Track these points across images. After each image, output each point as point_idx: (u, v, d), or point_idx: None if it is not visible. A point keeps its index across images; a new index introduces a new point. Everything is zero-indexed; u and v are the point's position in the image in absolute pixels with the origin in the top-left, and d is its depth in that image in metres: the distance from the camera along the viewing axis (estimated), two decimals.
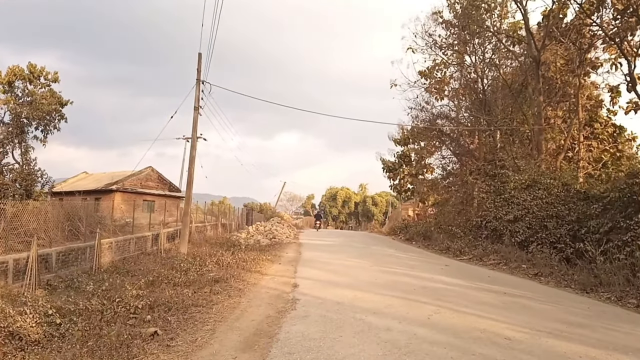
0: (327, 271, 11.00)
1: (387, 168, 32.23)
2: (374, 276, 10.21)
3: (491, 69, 23.66)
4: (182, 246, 17.23)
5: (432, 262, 13.97)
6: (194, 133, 17.76)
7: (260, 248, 17.07)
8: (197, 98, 17.87)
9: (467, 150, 23.94)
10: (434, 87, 27.15)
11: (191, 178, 17.80)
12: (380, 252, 16.47)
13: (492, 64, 23.12)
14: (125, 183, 29.50)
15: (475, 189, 20.80)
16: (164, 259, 15.43)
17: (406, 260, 14.11)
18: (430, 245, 21.01)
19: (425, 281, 9.66)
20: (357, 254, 15.09)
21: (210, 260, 13.26)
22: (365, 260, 13.33)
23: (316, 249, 16.86)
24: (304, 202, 75.34)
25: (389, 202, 67.88)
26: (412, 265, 12.42)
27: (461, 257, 16.47)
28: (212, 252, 17.01)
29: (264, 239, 20.25)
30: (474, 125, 23.72)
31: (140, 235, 18.03)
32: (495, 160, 19.63)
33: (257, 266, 12.19)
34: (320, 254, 15.00)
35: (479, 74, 23.22)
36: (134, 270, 13.29)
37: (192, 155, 17.71)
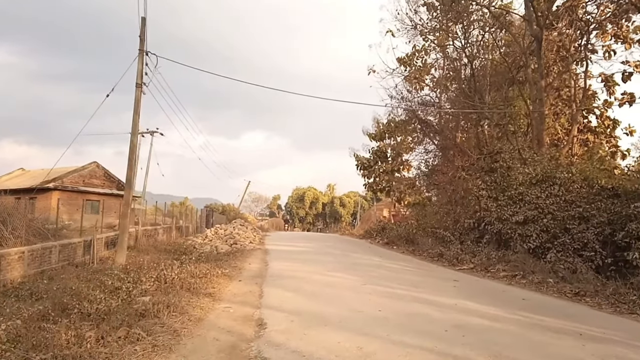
0: (305, 295, 7.75)
1: (361, 165, 29.28)
2: (373, 303, 7.04)
3: (480, 53, 21.13)
4: (120, 255, 13.57)
5: (434, 275, 10.97)
6: (135, 116, 14.09)
7: (216, 257, 13.59)
8: (140, 72, 14.22)
9: (454, 144, 21.27)
10: (414, 75, 24.45)
11: (131, 172, 14.14)
12: (364, 261, 13.36)
13: (483, 46, 20.58)
14: (65, 180, 25.19)
15: (469, 186, 18.12)
16: (94, 272, 11.82)
17: (401, 272, 11.05)
18: (417, 250, 18.12)
19: (449, 312, 6.58)
20: (338, 265, 11.91)
21: (150, 275, 9.78)
22: (351, 274, 10.16)
23: (286, 258, 13.58)
24: (270, 202, 71.67)
25: (357, 203, 65.32)
26: (413, 282, 9.34)
27: (461, 267, 13.60)
28: (157, 262, 13.48)
29: (223, 245, 16.75)
30: (459, 114, 21.08)
31: (66, 242, 14.18)
32: (494, 153, 16.96)
33: (208, 285, 8.80)
34: (291, 265, 11.73)
35: (468, 58, 20.58)
36: (45, 290, 9.71)
37: (132, 144, 14.05)
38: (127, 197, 13.90)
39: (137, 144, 14.04)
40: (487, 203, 15.67)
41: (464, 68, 22.22)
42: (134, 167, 13.96)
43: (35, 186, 24.53)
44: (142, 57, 14.30)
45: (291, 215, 68.32)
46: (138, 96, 14.15)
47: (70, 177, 25.04)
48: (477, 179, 17.51)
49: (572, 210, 12.17)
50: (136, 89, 14.16)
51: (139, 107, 14.14)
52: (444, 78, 23.87)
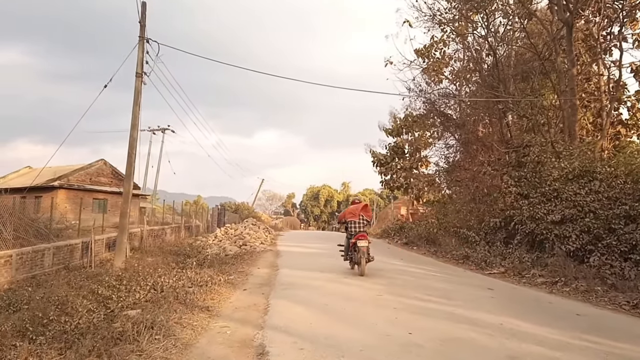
0: (318, 310, 6.51)
1: (377, 162, 27.97)
2: (401, 322, 5.77)
3: (504, 42, 19.59)
4: (118, 258, 12.57)
5: (465, 282, 9.63)
6: (135, 108, 13.07)
7: (223, 260, 12.46)
8: (141, 61, 13.21)
9: (476, 138, 19.79)
10: (433, 67, 22.97)
11: (131, 169, 13.11)
12: (384, 264, 12.05)
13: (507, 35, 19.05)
14: (71, 178, 24.39)
15: (495, 183, 16.69)
16: (88, 278, 10.82)
17: (427, 278, 9.73)
18: (439, 252, 16.75)
19: (497, 335, 5.28)
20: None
21: (146, 282, 8.71)
22: (371, 281, 8.89)
23: (298, 262, 12.36)
24: (285, 201, 70.66)
25: (373, 201, 63.87)
26: (444, 291, 8.03)
27: (490, 271, 12.23)
28: (158, 266, 12.44)
29: (231, 246, 15.63)
30: (482, 106, 19.57)
31: (62, 244, 13.23)
32: (522, 147, 15.49)
33: (208, 296, 7.65)
34: (303, 271, 10.50)
35: (491, 46, 19.05)
36: (28, 299, 8.72)
37: (132, 138, 13.02)
38: (126, 195, 12.86)
39: (138, 137, 12.97)
40: (516, 200, 14.26)
41: (486, 58, 20.74)
42: (133, 163, 12.90)
43: (40, 184, 23.80)
44: (143, 44, 13.25)
45: (306, 213, 67.24)
46: (138, 86, 13.12)
47: (76, 175, 24.25)
48: (503, 174, 16.07)
49: (617, 208, 10.69)
50: (136, 79, 13.13)
51: (139, 98, 13.11)
52: (464, 70, 22.38)
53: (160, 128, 36.91)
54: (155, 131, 36.83)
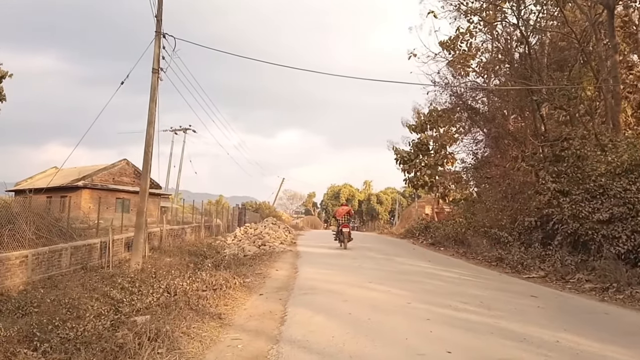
0: (341, 320, 5.73)
1: (400, 159, 26.95)
2: (437, 337, 4.94)
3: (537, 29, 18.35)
4: (135, 258, 12.10)
5: (503, 288, 8.66)
6: (151, 104, 12.57)
7: (240, 261, 11.82)
8: (157, 57, 12.70)
9: (508, 132, 18.62)
10: (459, 60, 21.83)
11: (147, 167, 12.62)
12: (411, 267, 11.20)
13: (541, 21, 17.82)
14: (95, 178, 24.33)
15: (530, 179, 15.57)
16: (104, 279, 10.36)
17: (460, 284, 8.82)
18: (469, 253, 15.73)
19: (554, 356, 4.39)
20: (381, 273, 9.80)
21: (159, 285, 8.14)
22: (398, 286, 8.05)
23: (319, 263, 11.59)
24: (305, 200, 70.09)
25: (395, 200, 62.63)
26: (482, 299, 7.11)
27: (529, 275, 11.20)
28: (175, 266, 11.92)
29: (250, 246, 15.01)
30: (514, 98, 18.38)
31: (81, 243, 12.85)
32: (561, 140, 14.34)
33: (221, 301, 6.97)
34: (324, 273, 9.74)
35: (524, 34, 17.85)
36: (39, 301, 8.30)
37: (148, 135, 12.52)
38: (142, 193, 12.38)
39: (154, 135, 12.45)
40: (555, 198, 13.14)
41: (517, 48, 19.54)
42: (150, 161, 12.40)
43: (66, 184, 23.82)
44: (159, 39, 12.74)
45: (327, 213, 66.50)
46: (154, 82, 12.60)
47: (100, 175, 24.17)
48: (539, 170, 14.93)
49: None
50: (152, 75, 12.61)
51: (156, 94, 12.59)
52: (492, 61, 21.18)
53: (182, 128, 36.81)
54: (177, 131, 36.74)
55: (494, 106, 20.21)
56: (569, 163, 13.50)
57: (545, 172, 14.48)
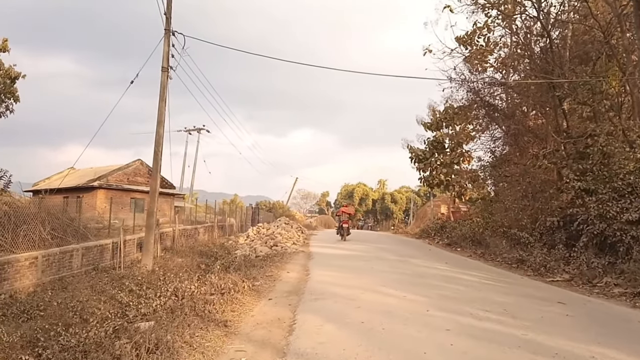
0: (353, 329, 5.30)
1: (415, 157, 26.32)
2: (459, 352, 4.47)
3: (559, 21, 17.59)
4: (146, 259, 11.87)
5: (527, 293, 8.11)
6: (160, 103, 12.32)
7: (251, 262, 11.46)
8: (166, 55, 12.43)
9: (528, 129, 17.91)
10: (476, 56, 21.15)
11: (157, 166, 12.39)
12: (427, 269, 10.69)
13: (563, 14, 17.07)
14: (110, 178, 24.31)
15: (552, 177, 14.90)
16: (113, 281, 10.13)
17: (480, 288, 8.29)
18: (487, 254, 15.12)
19: None
20: (396, 276, 9.33)
21: (167, 288, 7.86)
22: (414, 291, 7.58)
23: (331, 265, 11.17)
24: (319, 199, 69.69)
25: (409, 199, 61.81)
26: (505, 306, 6.60)
27: (552, 278, 10.60)
28: (186, 267, 11.67)
29: (262, 247, 14.66)
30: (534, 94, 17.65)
31: (92, 244, 12.65)
32: (585, 136, 13.65)
33: (229, 306, 6.61)
34: (337, 276, 9.32)
35: (544, 28, 17.12)
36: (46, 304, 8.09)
37: (158, 135, 12.26)
38: (152, 193, 12.15)
39: (164, 134, 12.20)
40: (580, 197, 12.50)
41: (537, 42, 18.79)
42: (160, 161, 12.15)
43: (81, 185, 23.87)
44: (169, 37, 12.47)
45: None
46: (164, 81, 12.34)
47: (114, 175, 24.14)
48: (562, 167, 14.24)
49: None
50: (162, 73, 12.36)
51: (165, 93, 12.34)
52: (511, 56, 20.46)
53: (195, 128, 36.78)
54: (191, 131, 36.72)
55: (513, 102, 19.51)
56: (594, 160, 12.85)
57: (568, 169, 13.82)
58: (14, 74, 17.46)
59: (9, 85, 17.41)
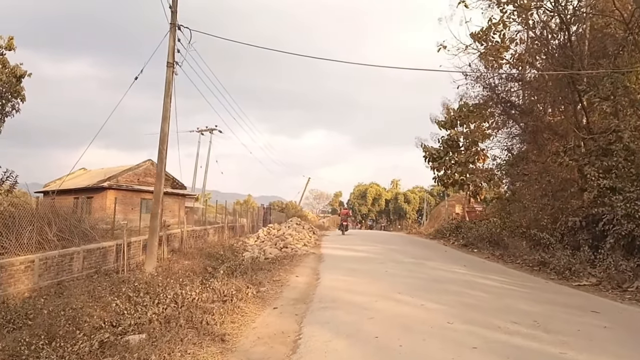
0: (366, 345, 4.66)
1: (429, 156, 25.49)
2: None
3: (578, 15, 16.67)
4: (149, 262, 11.35)
5: (556, 300, 7.36)
6: (166, 99, 11.83)
7: (259, 265, 10.88)
8: (172, 50, 11.93)
9: (547, 125, 17.04)
10: (491, 53, 20.28)
11: (162, 165, 11.89)
12: (445, 273, 9.98)
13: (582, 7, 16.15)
14: (120, 179, 24.02)
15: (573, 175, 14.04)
16: (114, 285, 9.60)
17: (504, 295, 7.56)
18: (505, 255, 14.32)
19: None
20: (412, 281, 8.65)
21: (166, 294, 7.32)
22: (433, 299, 6.90)
23: (342, 268, 10.51)
24: (332, 199, 69.04)
25: (422, 199, 60.80)
26: (535, 317, 5.89)
27: (579, 282, 9.81)
28: (192, 270, 11.15)
29: (271, 249, 14.09)
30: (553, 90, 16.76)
31: (94, 246, 12.19)
32: (609, 132, 12.78)
33: (228, 316, 6.03)
34: (348, 281, 8.68)
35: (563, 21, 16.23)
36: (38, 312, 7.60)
37: (162, 132, 11.78)
38: (157, 195, 11.65)
39: (169, 132, 11.70)
40: (605, 196, 11.66)
41: (555, 36, 17.89)
42: (164, 160, 11.66)
43: (92, 185, 23.63)
44: (174, 32, 11.96)
45: (353, 212, 65.31)
46: (169, 77, 11.83)
47: (125, 175, 23.84)
48: (585, 165, 13.37)
49: None
50: (167, 69, 11.84)
51: (171, 89, 11.82)
52: (528, 51, 19.56)
53: (208, 129, 36.45)
54: (203, 132, 36.40)
55: (531, 99, 18.63)
56: (619, 157, 11.99)
57: (590, 167, 12.97)
58: (19, 72, 17.10)
59: (14, 84, 17.07)
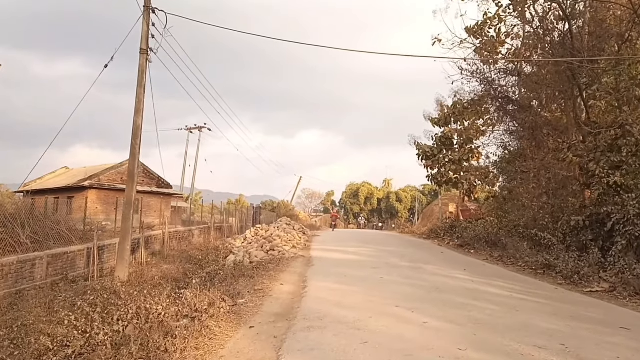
0: None
1: (423, 154, 24.49)
2: None
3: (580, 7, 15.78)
4: (120, 269, 10.16)
5: (576, 313, 6.34)
6: (139, 90, 10.67)
7: (241, 271, 9.74)
8: (146, 35, 10.77)
9: (545, 121, 16.12)
10: (486, 48, 19.36)
11: (135, 162, 10.75)
12: (445, 279, 8.94)
13: None
14: (102, 178, 22.75)
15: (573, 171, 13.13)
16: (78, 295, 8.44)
17: (517, 307, 6.53)
18: (505, 257, 13.36)
19: None
20: (410, 290, 7.60)
21: (128, 309, 6.20)
22: (436, 314, 5.86)
23: (333, 274, 9.42)
24: (324, 199, 67.99)
25: (414, 198, 59.99)
26: (557, 336, 4.87)
27: (591, 288, 8.84)
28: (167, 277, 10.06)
29: (257, 251, 12.98)
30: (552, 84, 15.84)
31: (61, 251, 10.99)
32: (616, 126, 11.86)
33: (194, 340, 4.92)
34: (339, 290, 7.60)
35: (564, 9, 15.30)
36: None
37: (135, 125, 10.61)
38: (129, 195, 10.51)
39: (142, 124, 10.55)
40: (617, 194, 10.74)
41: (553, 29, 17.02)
42: (137, 156, 10.51)
43: (72, 185, 22.34)
44: (148, 15, 10.81)
45: (345, 211, 64.31)
46: (142, 64, 10.66)
47: (107, 174, 22.56)
48: (590, 161, 12.44)
49: None
50: (140, 56, 10.68)
51: (144, 78, 10.67)
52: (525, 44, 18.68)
53: (197, 127, 35.19)
54: (192, 130, 35.13)
55: (528, 94, 17.71)
56: (628, 153, 11.08)
57: (595, 163, 12.05)
58: None
59: None
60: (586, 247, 11.58)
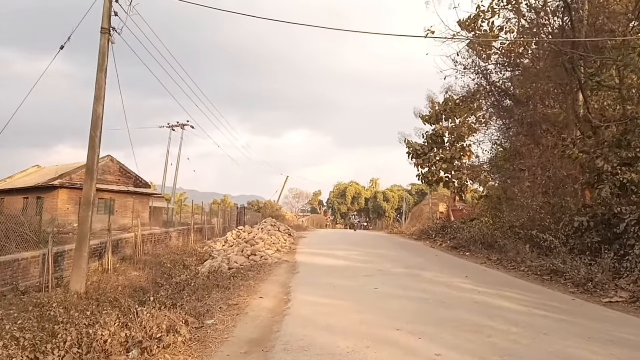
0: None
1: (413, 153, 23.53)
2: None
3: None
4: (76, 279, 8.77)
5: (619, 340, 5.19)
6: (99, 75, 9.29)
7: (216, 281, 8.45)
8: (108, 12, 9.40)
9: (543, 117, 15.19)
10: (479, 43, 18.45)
11: (94, 156, 9.33)
12: (449, 290, 7.79)
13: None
14: (74, 177, 21.15)
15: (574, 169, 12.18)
16: (25, 311, 7.06)
17: (543, 330, 5.39)
18: (504, 260, 12.34)
19: None
20: (410, 304, 6.45)
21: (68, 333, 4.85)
22: (448, 341, 4.70)
23: (321, 285, 8.18)
24: (312, 199, 66.78)
25: (402, 197, 59.19)
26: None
27: (609, 298, 7.80)
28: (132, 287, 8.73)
29: (237, 257, 11.70)
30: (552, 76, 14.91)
31: (10, 258, 9.57)
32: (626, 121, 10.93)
33: None
34: (328, 306, 6.39)
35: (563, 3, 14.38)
36: None
37: (95, 115, 9.24)
38: (87, 195, 9.12)
39: (103, 114, 9.20)
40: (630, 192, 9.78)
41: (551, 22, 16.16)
42: (97, 149, 9.14)
43: (42, 184, 20.72)
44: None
45: (333, 211, 63.22)
46: (104, 46, 9.28)
47: (79, 173, 20.96)
48: (597, 157, 11.47)
49: None
50: (101, 36, 9.30)
51: (105, 61, 9.29)
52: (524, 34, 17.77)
53: (179, 124, 33.62)
54: (175, 127, 33.56)
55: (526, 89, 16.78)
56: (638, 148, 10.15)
57: (602, 160, 11.09)
58: None
59: None
60: (592, 250, 10.62)
